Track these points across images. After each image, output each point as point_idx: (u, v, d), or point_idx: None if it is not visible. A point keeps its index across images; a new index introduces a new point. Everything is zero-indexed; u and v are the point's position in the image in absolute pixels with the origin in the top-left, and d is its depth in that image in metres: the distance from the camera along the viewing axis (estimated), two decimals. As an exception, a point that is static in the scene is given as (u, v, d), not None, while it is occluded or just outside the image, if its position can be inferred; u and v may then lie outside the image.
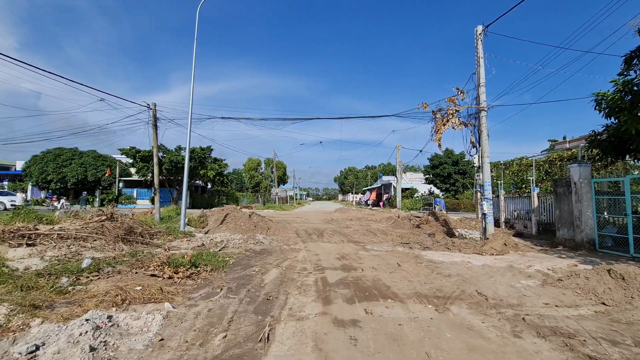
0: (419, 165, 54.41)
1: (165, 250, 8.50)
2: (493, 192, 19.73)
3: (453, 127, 11.04)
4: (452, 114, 10.88)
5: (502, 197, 15.38)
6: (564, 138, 33.51)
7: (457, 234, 13.95)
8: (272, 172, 49.19)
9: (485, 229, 10.60)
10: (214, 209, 18.62)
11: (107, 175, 34.76)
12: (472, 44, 11.08)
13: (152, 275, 5.77)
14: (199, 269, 6.39)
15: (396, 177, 34.08)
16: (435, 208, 31.53)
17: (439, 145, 11.13)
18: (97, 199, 36.36)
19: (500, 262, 7.62)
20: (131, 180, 37.62)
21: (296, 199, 71.10)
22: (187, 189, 12.08)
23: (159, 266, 6.07)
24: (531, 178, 12.92)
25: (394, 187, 40.83)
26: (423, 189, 38.86)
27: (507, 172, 17.85)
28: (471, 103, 11.22)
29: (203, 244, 9.65)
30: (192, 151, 30.65)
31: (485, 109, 10.83)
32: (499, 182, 15.94)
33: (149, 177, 32.25)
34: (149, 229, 10.38)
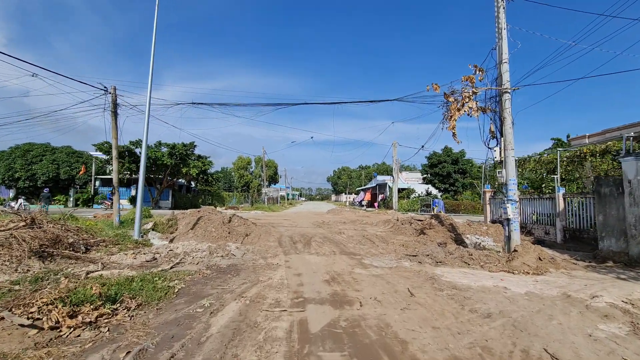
0: (414, 164, 52.71)
1: (100, 267, 6.34)
2: (498, 192, 17.92)
3: (468, 114, 9.05)
4: (468, 97, 8.88)
5: (516, 198, 13.44)
6: (567, 137, 31.99)
7: (467, 241, 11.99)
8: (262, 171, 46.96)
9: (509, 238, 8.63)
10: (188, 210, 16.40)
11: (81, 173, 32.15)
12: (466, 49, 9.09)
13: (27, 325, 3.60)
14: (116, 305, 4.25)
15: (392, 176, 32.16)
16: (434, 209, 29.72)
17: (454, 135, 9.12)
18: (72, 199, 33.73)
19: (547, 287, 5.62)
20: (109, 178, 34.94)
21: (288, 199, 68.87)
22: (144, 188, 9.90)
23: (46, 305, 3.91)
24: (555, 176, 11.04)
25: (389, 187, 38.95)
26: (420, 189, 37.04)
27: (521, 169, 15.98)
28: (490, 84, 9.26)
29: (154, 258, 7.49)
30: (172, 147, 28.36)
31: (509, 90, 8.86)
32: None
33: (126, 175, 29.78)
34: (87, 238, 8.16)
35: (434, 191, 35.09)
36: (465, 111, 8.88)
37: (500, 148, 9.00)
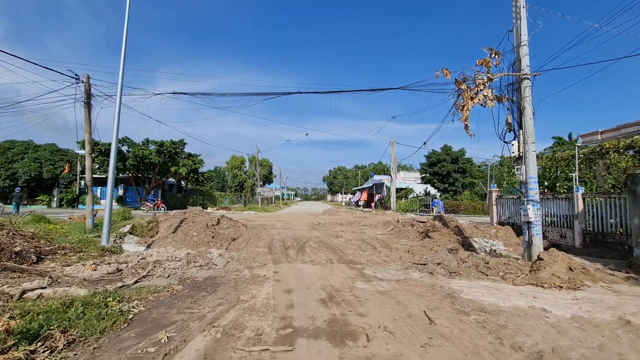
0: (411, 164, 51.84)
1: (47, 282, 5.17)
2: (508, 192, 16.92)
3: (482, 104, 8.00)
4: (483, 84, 7.84)
5: (538, 199, 12.46)
6: (569, 136, 31.23)
7: (476, 245, 10.98)
8: (257, 170, 45.71)
9: (530, 244, 7.60)
10: (174, 211, 15.21)
11: (65, 171, 30.66)
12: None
13: None
14: (36, 345, 3.11)
15: (390, 176, 31.16)
16: (433, 210, 28.78)
17: (466, 127, 8.05)
18: (55, 199, 32.24)
19: (594, 308, 4.57)
20: (95, 177, 33.41)
21: (283, 200, 67.64)
22: (113, 188, 8.72)
23: None
24: (573, 174, 10.07)
25: (386, 187, 37.99)
26: (418, 189, 36.08)
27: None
28: (507, 71, 8.23)
29: (118, 270, 6.32)
30: (161, 144, 27.06)
31: (529, 76, 7.84)
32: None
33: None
34: (42, 246, 6.97)
35: (433, 191, 34.16)
36: (479, 100, 7.83)
37: (518, 142, 7.98)
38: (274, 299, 4.85)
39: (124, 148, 27.57)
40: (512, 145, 8.08)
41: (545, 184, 13.95)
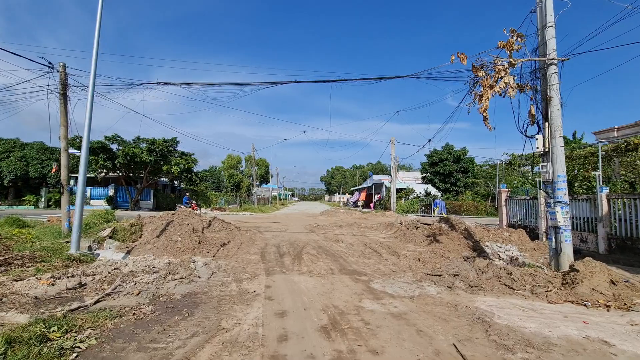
0: (410, 164, 50.96)
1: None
2: (515, 193, 16.06)
3: (501, 94, 7.08)
4: (504, 70, 6.92)
5: (541, 199, 11.60)
6: (573, 135, 30.44)
7: (488, 250, 10.07)
8: (254, 170, 44.65)
9: (558, 252, 6.69)
10: (162, 213, 14.16)
11: (54, 171, 29.38)
12: None
13: None
14: None
15: (390, 175, 30.26)
16: (434, 210, 27.93)
17: (485, 119, 7.14)
18: (43, 199, 31.05)
19: (664, 338, 3.64)
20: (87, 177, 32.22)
21: (280, 200, 66.59)
22: (84, 188, 7.73)
23: None
24: (597, 173, 9.19)
25: (386, 187, 37.11)
26: (418, 189, 35.21)
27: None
28: (531, 55, 7.31)
29: (81, 284, 5.33)
30: (152, 142, 25.99)
31: (556, 61, 6.93)
32: (536, 179, 12.22)
33: (101, 173, 27.29)
34: (-7, 255, 5.95)
35: (433, 191, 33.31)
36: (500, 89, 6.91)
37: (543, 136, 7.07)
38: (264, 326, 3.89)
39: (114, 146, 26.46)
40: (536, 139, 7.17)
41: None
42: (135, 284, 5.40)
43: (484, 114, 7.13)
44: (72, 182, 32.49)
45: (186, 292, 5.20)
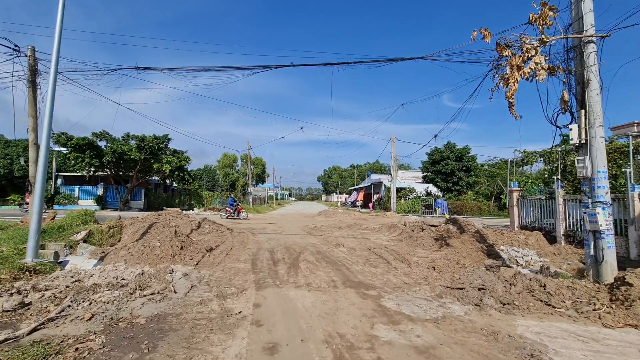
0: (409, 163, 50.11)
1: None
2: (529, 192, 15.12)
3: (528, 79, 6.11)
4: (534, 49, 5.94)
5: (559, 199, 10.67)
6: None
7: (504, 255, 9.14)
8: (250, 169, 43.56)
9: (599, 260, 5.74)
10: (147, 213, 13.08)
11: (39, 169, 28.16)
12: None
13: None
14: None
15: (391, 174, 29.31)
16: (436, 211, 27.02)
17: (511, 106, 6.17)
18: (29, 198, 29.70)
19: None
20: (73, 175, 30.96)
21: (276, 199, 65.43)
22: (43, 186, 6.69)
23: None
24: (627, 170, 8.24)
25: (385, 186, 36.17)
26: (418, 189, 34.29)
27: (566, 159, 13.10)
28: (563, 33, 6.34)
29: (24, 304, 4.28)
30: (142, 139, 24.83)
31: (594, 38, 5.97)
32: (553, 176, 11.27)
33: (88, 172, 26.05)
34: None
35: (434, 190, 32.39)
36: (529, 70, 5.93)
37: (579, 125, 6.11)
38: (246, 371, 2.86)
39: (102, 143, 25.26)
40: (570, 130, 6.20)
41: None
42: (90, 303, 4.34)
43: (511, 100, 6.16)
44: (59, 180, 31.30)
45: (154, 315, 4.17)
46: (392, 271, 6.61)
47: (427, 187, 32.70)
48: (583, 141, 6.03)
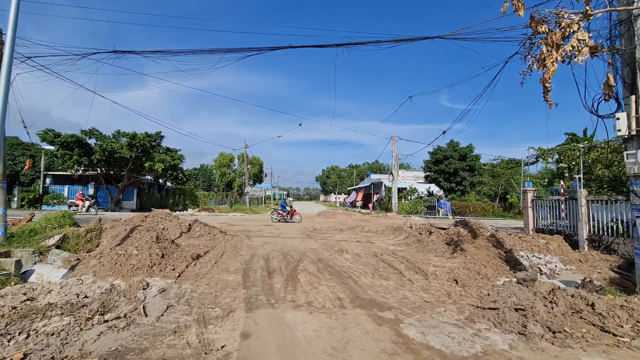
0: (409, 163, 49.29)
1: None
2: (549, 192, 14.27)
3: (564, 60, 5.19)
4: (576, 23, 5.02)
5: (582, 199, 9.79)
6: (584, 132, 28.85)
7: (524, 262, 8.25)
8: (247, 168, 42.53)
9: (657, 274, 4.81)
10: (132, 215, 12.08)
11: (27, 168, 27.06)
12: None
13: None
14: None
15: (392, 174, 28.41)
16: (439, 211, 26.14)
17: (546, 91, 5.26)
18: (16, 198, 28.59)
19: None
20: (62, 175, 29.81)
21: (274, 200, 64.40)
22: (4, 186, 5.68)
23: None
24: (666, 168, 7.36)
25: (385, 186, 35.28)
26: (420, 189, 33.42)
27: (587, 157, 12.17)
28: (609, 6, 5.43)
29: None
30: (133, 137, 23.78)
31: (649, 11, 5.06)
32: (575, 175, 10.39)
33: (76, 170, 24.97)
34: None
35: (436, 190, 31.52)
36: (571, 48, 5.01)
37: (628, 114, 5.20)
38: None
39: (92, 141, 24.19)
40: (617, 119, 5.30)
41: (604, 183, 11.29)
42: (28, 336, 3.37)
43: (547, 84, 5.25)
44: (47, 180, 30.19)
45: (111, 351, 3.20)
46: (407, 284, 5.67)
47: (429, 187, 31.81)
48: (633, 132, 5.12)
